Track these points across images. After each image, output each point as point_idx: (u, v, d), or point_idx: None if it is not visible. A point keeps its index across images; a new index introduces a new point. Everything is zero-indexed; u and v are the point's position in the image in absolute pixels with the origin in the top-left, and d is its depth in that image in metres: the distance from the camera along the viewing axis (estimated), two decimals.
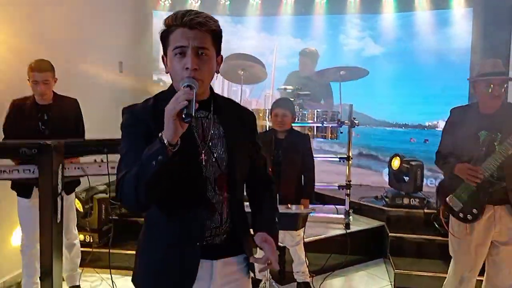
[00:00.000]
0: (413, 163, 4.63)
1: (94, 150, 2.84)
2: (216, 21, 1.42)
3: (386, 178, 5.75)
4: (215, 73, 1.45)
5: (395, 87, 5.90)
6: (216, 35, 1.40)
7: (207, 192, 1.45)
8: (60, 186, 2.76)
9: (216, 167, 1.45)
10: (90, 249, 3.97)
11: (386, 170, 5.79)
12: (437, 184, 3.43)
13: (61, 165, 2.73)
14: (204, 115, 1.48)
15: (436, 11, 5.54)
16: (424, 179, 4.80)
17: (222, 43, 1.45)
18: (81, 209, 4.02)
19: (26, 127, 3.11)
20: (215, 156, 1.45)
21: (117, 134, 1.45)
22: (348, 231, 4.20)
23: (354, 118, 4.45)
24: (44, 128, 3.15)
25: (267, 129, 4.05)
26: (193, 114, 1.20)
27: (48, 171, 2.66)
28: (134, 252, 1.56)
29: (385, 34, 5.75)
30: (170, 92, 1.42)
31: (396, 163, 4.77)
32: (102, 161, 2.99)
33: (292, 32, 5.75)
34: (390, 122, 6.14)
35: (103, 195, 4.27)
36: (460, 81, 5.46)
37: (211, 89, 1.52)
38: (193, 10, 1.36)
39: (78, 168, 2.87)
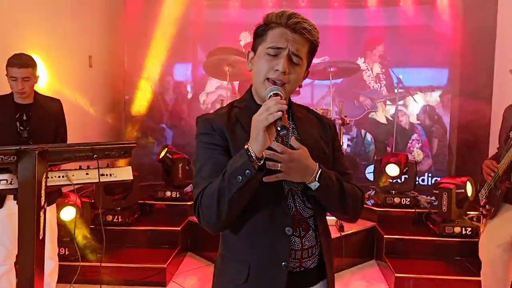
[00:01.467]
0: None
1: (83, 156, 2.50)
2: (318, 32, 1.30)
3: (370, 176, 5.70)
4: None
5: None
6: (314, 46, 1.33)
7: (296, 206, 1.31)
8: (43, 199, 2.41)
9: None
10: (78, 263, 3.59)
11: (370, 168, 5.74)
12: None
13: (44, 174, 2.38)
14: None
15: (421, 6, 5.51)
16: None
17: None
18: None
19: (1, 127, 2.73)
20: None
21: (88, 130, 1.22)
22: (342, 233, 4.07)
23: (345, 116, 4.32)
24: (23, 130, 2.78)
25: None
26: (288, 126, 1.12)
27: (30, 181, 2.30)
28: (128, 265, 1.36)
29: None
30: (247, 100, 1.38)
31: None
32: (88, 167, 2.66)
33: None
34: None
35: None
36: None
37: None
38: (299, 14, 1.28)
39: (62, 176, 2.52)
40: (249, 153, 1.14)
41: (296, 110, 1.41)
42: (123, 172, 2.71)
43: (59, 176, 2.50)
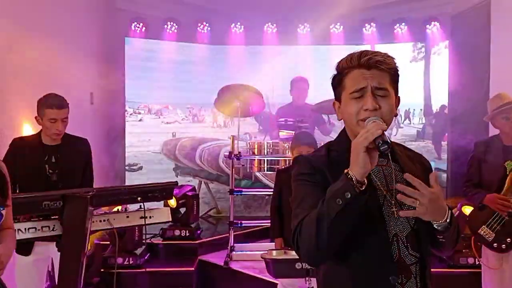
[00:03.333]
0: None
1: (126, 199, 2.44)
2: (394, 59, 1.31)
3: None
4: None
5: None
6: (394, 73, 1.32)
7: (400, 253, 1.26)
8: (88, 244, 2.31)
9: (405, 222, 1.28)
10: None
11: None
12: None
13: (90, 219, 2.29)
14: (382, 163, 1.29)
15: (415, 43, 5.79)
16: None
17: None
18: None
19: (30, 171, 2.62)
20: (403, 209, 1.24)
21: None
22: None
23: None
24: (52, 173, 2.68)
25: (288, 165, 3.80)
26: (389, 142, 1.13)
27: (78, 227, 2.21)
28: None
29: None
30: (343, 140, 1.36)
31: None
32: (125, 210, 2.59)
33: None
34: None
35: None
36: None
37: None
38: (368, 50, 1.31)
39: (104, 220, 2.44)
40: (348, 176, 1.13)
41: (394, 146, 1.36)
42: (162, 214, 2.66)
43: (100, 221, 2.41)
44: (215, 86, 4.85)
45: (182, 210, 4.51)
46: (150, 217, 2.55)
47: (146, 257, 4.21)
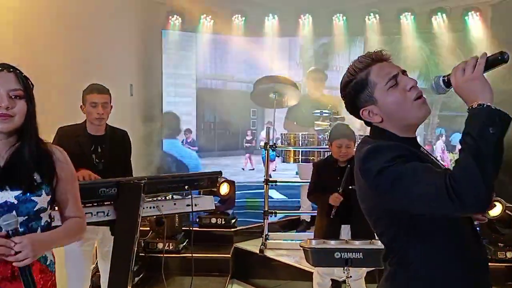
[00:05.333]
0: None
1: (174, 187, 2.57)
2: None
3: None
4: None
5: None
6: None
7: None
8: (138, 231, 2.45)
9: None
10: None
11: None
12: None
13: (141, 206, 2.43)
14: None
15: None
16: None
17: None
18: None
19: (78, 160, 2.73)
20: None
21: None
22: None
23: None
24: (98, 162, 2.81)
25: (326, 157, 3.83)
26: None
27: (129, 213, 2.34)
28: None
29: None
30: (386, 138, 1.36)
31: None
32: (172, 197, 2.72)
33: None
34: None
35: None
36: None
37: None
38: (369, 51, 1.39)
39: (154, 207, 2.57)
40: (484, 106, 1.13)
41: None
42: (206, 202, 2.77)
43: (150, 207, 2.55)
44: (251, 77, 4.92)
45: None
46: (195, 205, 2.67)
47: (184, 243, 4.37)
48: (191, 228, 4.23)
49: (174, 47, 5.60)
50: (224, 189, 4.26)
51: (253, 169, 6.14)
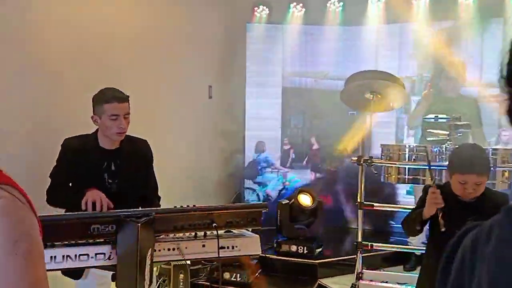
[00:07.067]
0: None
1: (198, 224, 1.86)
2: None
3: None
4: None
5: None
6: None
7: None
8: (147, 279, 1.80)
9: None
10: None
11: None
12: None
13: (151, 247, 1.78)
14: None
15: None
16: None
17: None
18: None
19: (87, 181, 2.14)
20: None
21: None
22: None
23: None
24: (111, 183, 2.22)
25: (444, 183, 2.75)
26: None
27: (132, 257, 1.71)
28: None
29: None
30: None
31: None
32: (205, 236, 2.00)
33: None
34: None
35: None
36: None
37: None
38: None
39: (173, 249, 1.89)
40: None
41: None
42: (250, 244, 2.00)
43: (169, 249, 1.87)
44: (343, 73, 4.09)
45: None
46: (233, 248, 1.93)
47: (257, 274, 3.67)
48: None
49: (259, 41, 4.96)
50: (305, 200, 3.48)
51: None
